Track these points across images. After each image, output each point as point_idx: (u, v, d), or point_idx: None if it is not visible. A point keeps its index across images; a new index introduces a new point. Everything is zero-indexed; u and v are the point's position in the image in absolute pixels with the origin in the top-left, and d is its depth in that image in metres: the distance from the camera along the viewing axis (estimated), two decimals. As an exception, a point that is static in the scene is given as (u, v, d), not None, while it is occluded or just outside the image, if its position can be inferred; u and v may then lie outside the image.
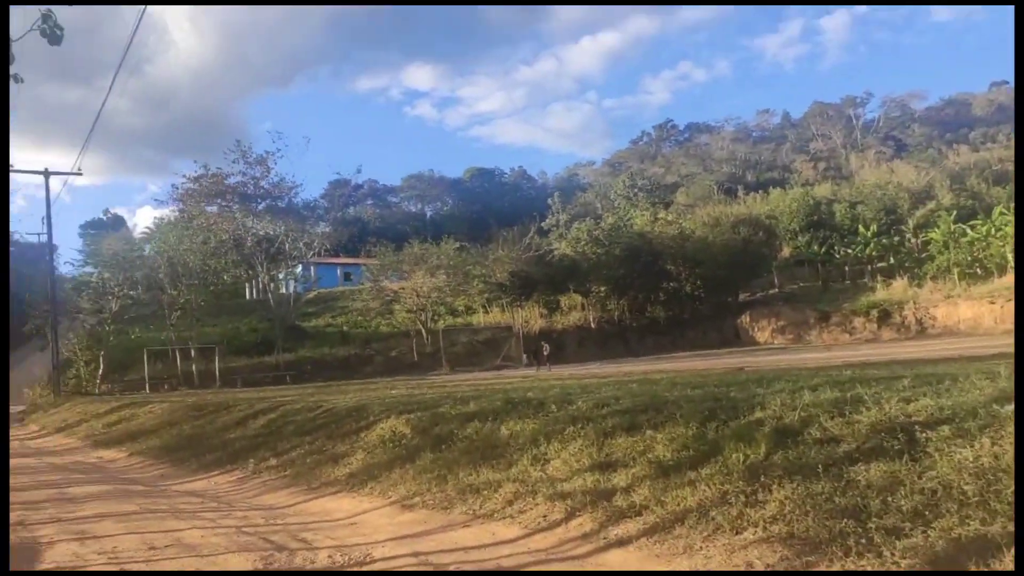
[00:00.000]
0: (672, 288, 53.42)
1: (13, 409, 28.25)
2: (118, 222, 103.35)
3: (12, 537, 6.88)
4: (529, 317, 51.20)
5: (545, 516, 5.82)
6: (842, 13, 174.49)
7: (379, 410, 10.58)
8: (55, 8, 4.85)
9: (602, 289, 52.10)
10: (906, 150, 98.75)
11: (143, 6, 13.43)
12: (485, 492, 6.61)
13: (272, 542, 6.03)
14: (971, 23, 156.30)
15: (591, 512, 5.61)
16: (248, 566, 5.34)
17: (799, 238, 59.11)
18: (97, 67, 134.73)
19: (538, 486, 6.36)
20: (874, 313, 45.47)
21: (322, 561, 5.40)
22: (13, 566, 5.85)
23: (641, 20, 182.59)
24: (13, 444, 17.89)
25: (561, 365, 39.26)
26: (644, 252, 51.19)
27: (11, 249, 32.98)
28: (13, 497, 9.21)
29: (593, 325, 51.68)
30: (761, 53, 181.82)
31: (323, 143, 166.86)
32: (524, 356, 45.39)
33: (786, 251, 61.48)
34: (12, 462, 13.67)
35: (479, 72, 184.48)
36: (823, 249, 55.90)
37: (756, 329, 51.01)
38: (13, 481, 10.89)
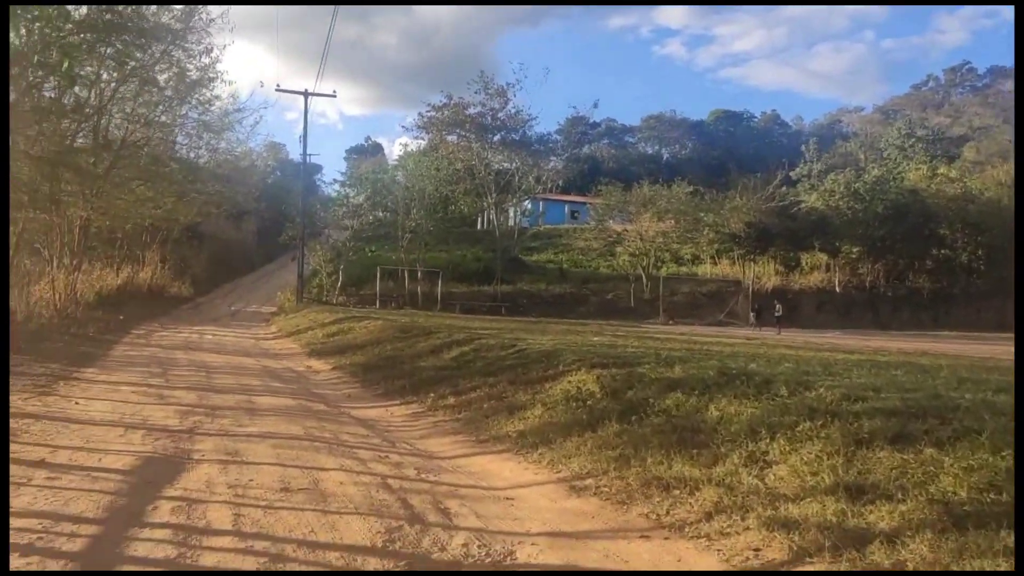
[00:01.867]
0: (943, 256, 45.59)
1: (265, 310, 31.62)
2: (376, 149, 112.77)
3: (175, 446, 6.65)
4: (763, 273, 46.84)
5: (757, 550, 4.09)
6: None
7: (572, 359, 9.28)
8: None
9: (854, 250, 45.91)
10: None
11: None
12: (677, 492, 5.01)
13: (411, 507, 5.00)
14: None
15: (831, 560, 3.79)
16: (363, 540, 4.32)
17: None
18: (373, 6, 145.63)
19: (751, 500, 4.61)
20: None
21: (453, 551, 4.22)
22: (162, 471, 5.49)
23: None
24: (249, 342, 19.54)
25: (794, 329, 35.31)
26: (913, 212, 43.94)
27: (296, 165, 36.39)
28: (212, 397, 9.38)
29: (838, 289, 45.94)
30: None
31: (566, 81, 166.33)
32: (752, 315, 41.72)
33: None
34: (237, 359, 14.59)
35: (740, 8, 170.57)
36: None
37: (1051, 315, 41.91)
38: (224, 380, 11.35)
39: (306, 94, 31.20)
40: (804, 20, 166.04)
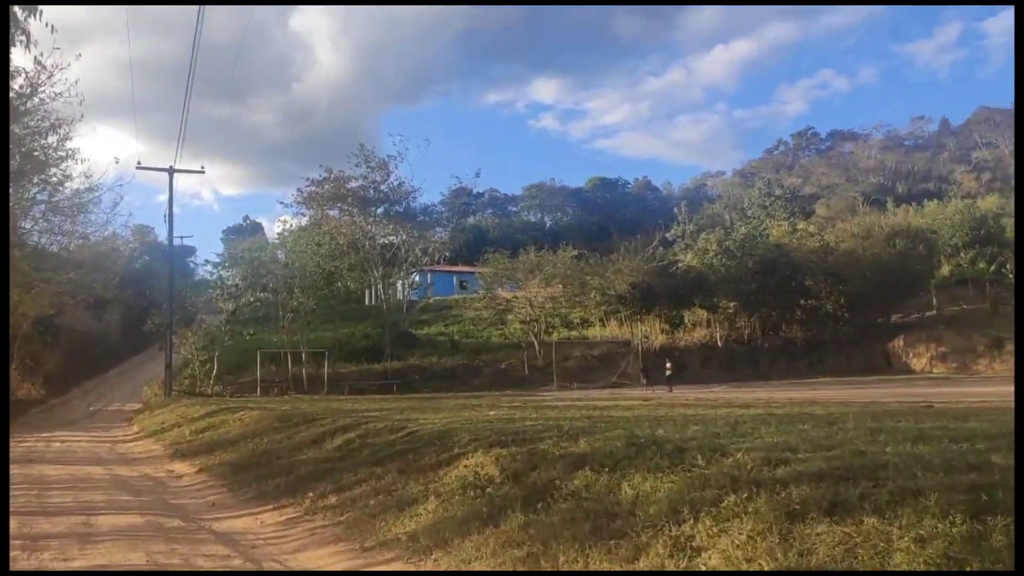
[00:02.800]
0: (811, 306, 48.39)
1: (130, 407, 28.65)
2: (255, 228, 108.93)
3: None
4: (649, 332, 47.91)
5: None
6: (1007, 13, 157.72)
7: (467, 439, 8.44)
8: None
9: (731, 305, 47.95)
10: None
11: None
12: (598, 597, 4.24)
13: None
14: None
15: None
16: None
17: (961, 255, 52.40)
18: (249, 85, 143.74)
19: (684, 600, 3.91)
20: (1062, 342, 38.72)
21: None
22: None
23: (779, 27, 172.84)
24: (105, 446, 17.31)
25: (683, 386, 35.95)
26: (780, 265, 46.63)
27: (165, 248, 33.57)
28: (38, 523, 7.79)
29: (720, 343, 47.63)
30: (912, 59, 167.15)
31: (447, 156, 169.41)
32: (642, 374, 42.29)
33: (945, 269, 54.77)
34: (83, 470, 12.68)
35: (605, 84, 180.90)
36: (992, 267, 49.02)
37: (911, 355, 45.12)
38: (61, 500, 9.63)
39: (171, 171, 29.38)
40: (665, 94, 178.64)
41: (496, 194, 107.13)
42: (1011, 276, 47.93)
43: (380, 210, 48.11)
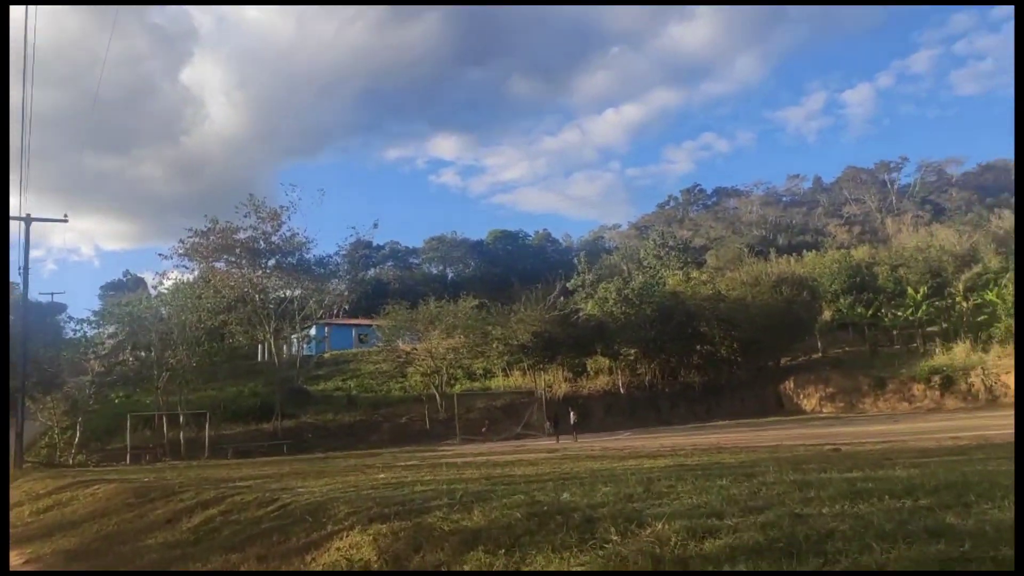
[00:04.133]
0: (707, 351, 49.56)
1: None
2: (137, 283, 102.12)
3: None
4: (553, 381, 47.50)
5: None
6: (864, 87, 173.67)
7: (344, 512, 7.20)
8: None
9: (631, 352, 48.38)
10: (944, 214, 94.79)
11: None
12: None
13: None
14: (995, 97, 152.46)
15: None
16: None
17: (841, 300, 55.43)
18: (134, 137, 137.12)
19: None
20: (936, 380, 41.10)
21: None
22: None
23: (664, 94, 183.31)
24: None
25: (588, 434, 35.45)
26: (677, 312, 47.60)
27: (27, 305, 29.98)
28: None
29: (622, 390, 47.78)
30: (784, 125, 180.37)
31: (346, 209, 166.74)
32: (547, 424, 41.54)
33: (827, 314, 57.72)
34: None
35: (504, 142, 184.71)
36: (870, 312, 51.98)
37: (802, 396, 46.70)
38: None
39: (28, 219, 26.50)
40: (562, 152, 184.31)
41: (397, 246, 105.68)
42: (887, 319, 51.00)
43: (272, 262, 45.73)
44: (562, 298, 52.78)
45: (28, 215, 26.54)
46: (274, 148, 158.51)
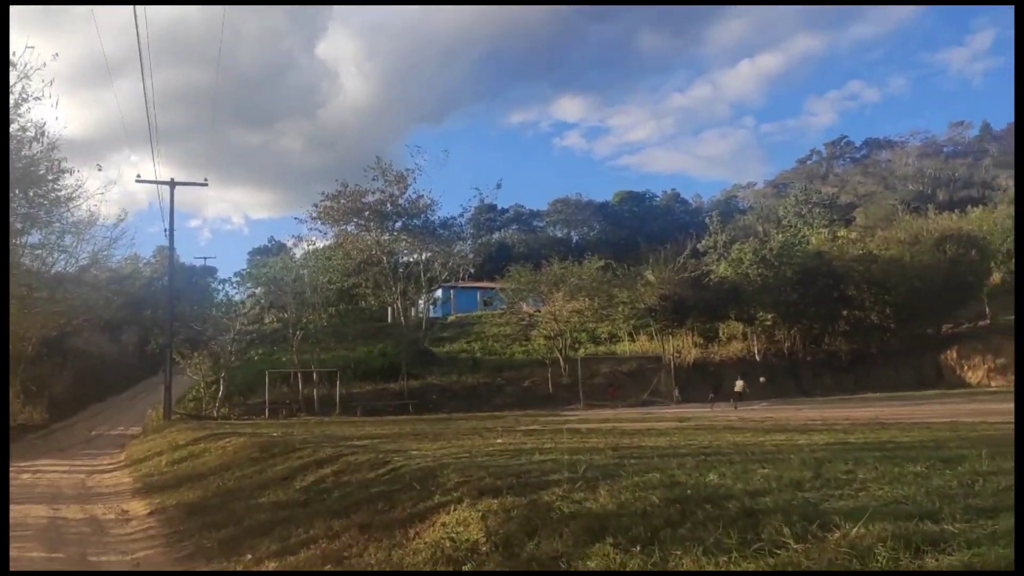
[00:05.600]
0: (855, 317, 45.47)
1: (133, 431, 27.06)
2: (280, 248, 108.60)
3: None
4: (682, 346, 45.44)
5: None
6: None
7: (455, 482, 6.44)
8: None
9: (768, 317, 45.29)
10: None
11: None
12: None
13: None
14: None
15: None
16: None
17: (1013, 262, 49.23)
18: (276, 112, 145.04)
19: None
20: None
21: None
22: None
23: (806, 40, 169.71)
24: (77, 478, 15.56)
25: (720, 403, 33.44)
26: (822, 274, 43.89)
27: (184, 269, 32.28)
28: None
29: (758, 357, 44.93)
30: (945, 67, 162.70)
31: (471, 175, 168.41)
32: (675, 391, 39.83)
33: (997, 276, 51.49)
34: (23, 511, 10.84)
35: (630, 102, 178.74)
36: (1049, 273, 45.74)
37: (966, 367, 41.99)
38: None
39: (172, 183, 28.02)
40: (691, 109, 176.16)
41: (521, 209, 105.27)
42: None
43: (398, 224, 46.45)
44: (692, 260, 50.13)
45: (172, 179, 28.12)
46: (402, 116, 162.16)
